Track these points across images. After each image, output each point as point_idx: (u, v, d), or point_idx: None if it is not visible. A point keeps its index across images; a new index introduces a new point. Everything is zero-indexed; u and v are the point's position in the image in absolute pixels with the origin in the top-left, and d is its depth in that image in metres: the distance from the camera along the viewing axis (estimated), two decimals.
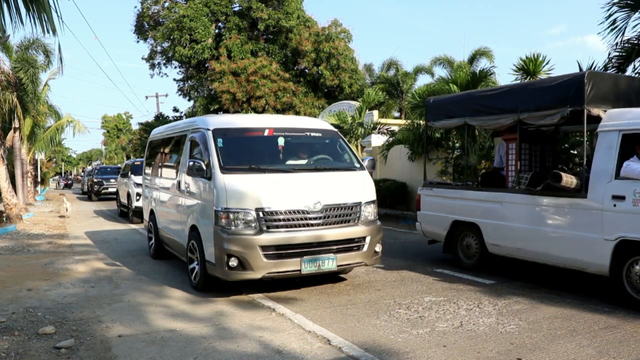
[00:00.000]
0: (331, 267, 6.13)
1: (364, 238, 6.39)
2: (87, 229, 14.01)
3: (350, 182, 6.59)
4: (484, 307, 5.74)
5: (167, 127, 9.54)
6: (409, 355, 4.39)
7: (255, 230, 5.87)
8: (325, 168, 6.73)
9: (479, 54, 22.44)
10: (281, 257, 5.91)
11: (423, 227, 8.45)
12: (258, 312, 5.67)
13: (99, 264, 8.66)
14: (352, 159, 7.00)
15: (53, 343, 4.70)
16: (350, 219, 6.35)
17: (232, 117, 8.10)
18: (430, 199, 8.30)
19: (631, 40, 9.37)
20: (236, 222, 5.87)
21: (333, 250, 6.16)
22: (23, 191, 19.56)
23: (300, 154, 6.98)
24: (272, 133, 6.78)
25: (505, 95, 7.26)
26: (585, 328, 4.98)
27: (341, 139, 7.29)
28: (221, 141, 6.47)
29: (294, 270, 5.95)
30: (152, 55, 29.99)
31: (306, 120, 7.94)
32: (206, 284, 6.45)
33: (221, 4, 26.04)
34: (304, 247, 5.99)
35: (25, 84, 17.79)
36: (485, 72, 12.66)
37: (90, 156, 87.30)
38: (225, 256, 5.82)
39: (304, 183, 6.26)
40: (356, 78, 25.61)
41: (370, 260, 6.51)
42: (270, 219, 5.92)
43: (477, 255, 7.51)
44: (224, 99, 24.12)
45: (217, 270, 5.98)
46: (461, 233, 7.79)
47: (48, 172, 43.85)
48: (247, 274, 5.85)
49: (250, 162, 6.38)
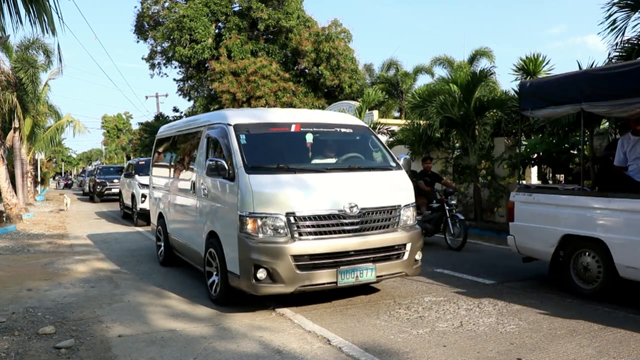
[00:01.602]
0: (370, 278, 5.52)
1: (404, 245, 5.78)
2: (88, 230, 14.00)
3: (387, 183, 5.98)
4: (484, 307, 5.74)
5: (178, 124, 8.99)
6: (409, 355, 4.39)
7: (285, 238, 5.24)
8: (359, 167, 6.12)
9: (479, 54, 22.45)
10: (315, 267, 5.28)
11: (518, 242, 6.80)
12: (258, 312, 5.66)
13: (99, 264, 8.66)
14: (386, 157, 6.41)
15: (53, 343, 4.70)
16: (389, 224, 5.75)
17: (253, 111, 7.51)
18: (529, 207, 6.65)
19: (631, 40, 9.36)
20: (264, 228, 5.24)
21: (371, 260, 5.55)
22: (23, 191, 19.57)
23: (329, 151, 6.40)
24: (299, 129, 6.17)
25: None
26: (585, 328, 4.98)
27: (373, 135, 6.68)
28: (244, 137, 5.84)
29: (329, 282, 5.33)
30: (152, 55, 29.99)
31: (335, 115, 7.39)
32: (227, 296, 5.82)
33: (221, 4, 26.04)
34: (340, 257, 5.37)
35: (25, 84, 17.79)
36: (486, 72, 12.65)
37: (90, 156, 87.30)
38: (252, 267, 5.19)
39: (338, 184, 5.64)
40: (356, 78, 25.61)
41: (410, 270, 5.90)
42: (303, 224, 5.29)
43: (601, 279, 5.89)
44: (224, 99, 24.13)
45: (242, 283, 5.34)
46: (575, 251, 6.18)
47: (48, 172, 43.85)
48: (277, 287, 5.21)
49: (277, 161, 5.76)
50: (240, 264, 5.30)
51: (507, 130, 12.95)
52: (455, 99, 12.50)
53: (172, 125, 9.47)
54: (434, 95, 13.05)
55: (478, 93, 12.54)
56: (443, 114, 12.26)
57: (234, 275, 5.47)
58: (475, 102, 12.35)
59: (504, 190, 12.07)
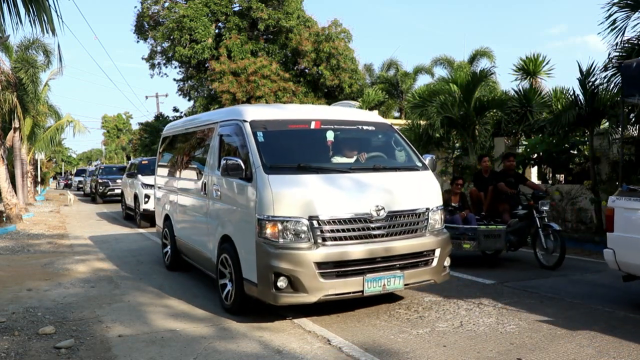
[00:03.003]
0: (397, 286, 5.18)
1: (433, 251, 5.44)
2: (89, 230, 14.00)
3: (414, 184, 5.63)
4: (484, 307, 5.74)
5: (187, 121, 8.56)
6: (409, 355, 4.39)
7: (308, 243, 4.88)
8: (385, 167, 5.78)
9: (480, 54, 22.47)
10: (340, 275, 4.94)
11: (619, 257, 5.51)
12: (258, 312, 5.66)
13: (99, 264, 8.66)
14: (411, 156, 6.04)
15: (53, 343, 4.70)
16: (417, 228, 5.41)
17: (269, 107, 6.97)
18: (635, 215, 5.37)
19: (631, 40, 9.36)
20: (285, 233, 4.88)
21: (399, 267, 5.21)
22: (23, 191, 19.57)
23: (351, 150, 6.00)
24: (319, 126, 5.81)
25: None
26: (586, 328, 4.97)
27: (397, 133, 6.30)
28: (261, 135, 5.46)
29: (355, 291, 4.98)
30: (152, 55, 29.99)
31: (356, 112, 7.03)
32: (243, 306, 5.46)
33: (221, 4, 26.05)
34: (366, 263, 5.03)
35: (25, 84, 17.80)
36: (486, 72, 12.67)
37: (90, 156, 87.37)
38: (271, 275, 4.82)
39: (364, 185, 5.29)
40: (356, 78, 25.61)
41: (439, 277, 5.56)
42: (327, 229, 4.93)
43: None
44: (224, 99, 24.13)
45: (261, 292, 4.97)
46: None
47: (48, 172, 43.86)
48: (300, 297, 4.85)
49: (296, 160, 5.37)
50: (259, 272, 4.95)
51: (507, 130, 12.97)
52: (456, 99, 12.52)
53: (179, 122, 9.06)
54: (434, 95, 13.06)
55: (478, 93, 12.55)
56: (443, 114, 12.27)
57: (250, 283, 5.12)
58: (476, 102, 12.36)
59: None
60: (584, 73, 10.35)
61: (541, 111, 12.49)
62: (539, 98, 12.57)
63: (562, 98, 12.55)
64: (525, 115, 12.46)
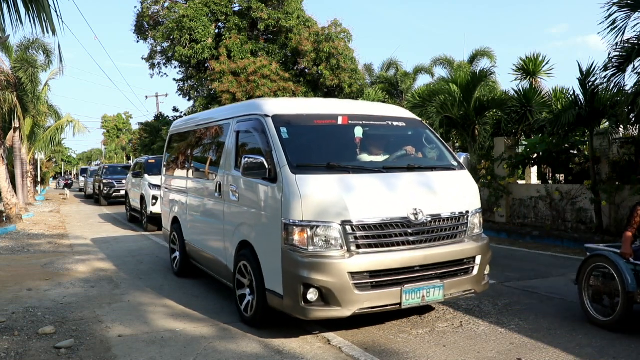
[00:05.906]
0: (437, 297, 4.72)
1: (473, 258, 5.00)
2: (89, 231, 13.99)
3: (451, 185, 5.16)
4: (484, 307, 5.74)
5: (197, 117, 8.05)
6: (409, 355, 4.39)
7: (341, 251, 4.43)
8: (420, 167, 5.30)
9: (480, 54, 22.47)
10: (376, 286, 4.50)
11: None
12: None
13: (99, 264, 8.65)
14: (445, 155, 5.60)
15: (53, 343, 4.70)
16: (456, 233, 4.98)
17: (291, 101, 6.31)
18: None
19: (631, 40, 9.35)
20: (315, 239, 4.41)
21: (437, 276, 4.77)
22: (23, 191, 19.57)
23: (381, 148, 5.57)
24: (347, 122, 5.33)
25: None
26: (585, 328, 4.98)
27: (428, 129, 5.88)
28: (285, 131, 4.98)
29: (392, 304, 4.54)
30: (152, 55, 29.98)
31: (384, 107, 6.54)
32: (265, 318, 5.00)
33: (221, 4, 26.05)
34: (405, 273, 4.59)
35: (25, 84, 17.78)
36: (486, 72, 12.68)
37: (90, 156, 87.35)
38: (300, 287, 4.38)
39: (399, 187, 4.83)
40: (356, 78, 25.60)
41: (480, 286, 5.08)
42: (361, 235, 4.49)
43: None
44: (224, 99, 24.11)
45: (287, 305, 4.52)
46: None
47: (48, 172, 43.85)
48: (332, 311, 4.40)
49: (324, 159, 4.89)
50: (285, 283, 4.50)
51: (507, 130, 12.98)
52: (456, 99, 12.52)
53: (189, 118, 8.47)
54: (434, 95, 13.08)
55: (478, 93, 12.56)
56: (443, 114, 12.28)
57: (275, 295, 4.66)
58: (475, 102, 12.38)
59: (504, 190, 12.08)
60: (584, 73, 10.35)
61: (541, 111, 12.51)
62: (539, 98, 12.58)
63: (562, 98, 12.57)
64: (525, 115, 12.47)
